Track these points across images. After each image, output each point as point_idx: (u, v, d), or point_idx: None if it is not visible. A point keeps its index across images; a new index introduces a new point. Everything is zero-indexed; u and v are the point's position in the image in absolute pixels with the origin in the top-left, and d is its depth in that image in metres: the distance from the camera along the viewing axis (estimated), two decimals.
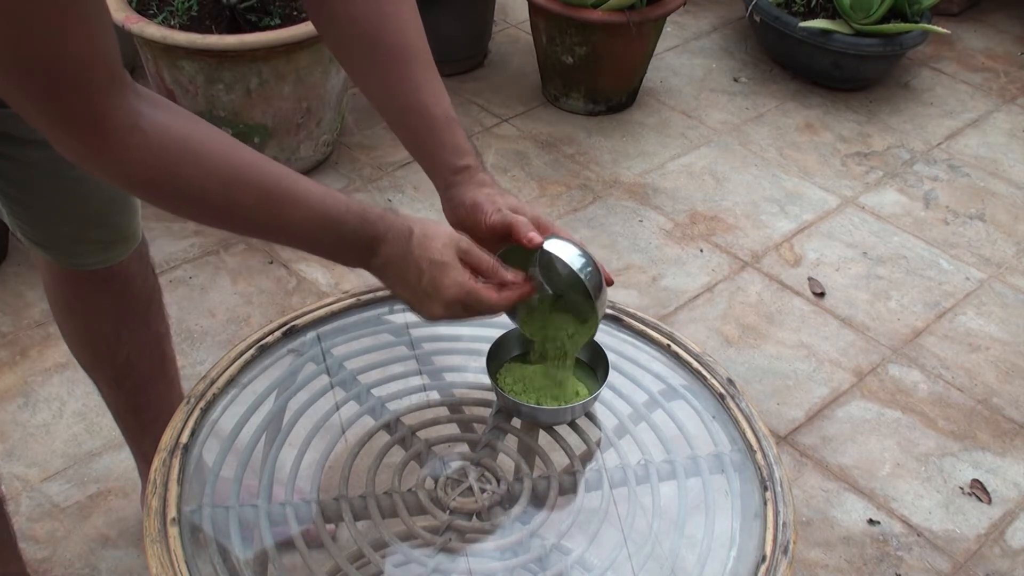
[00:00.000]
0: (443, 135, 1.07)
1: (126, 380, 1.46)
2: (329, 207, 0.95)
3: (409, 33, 1.06)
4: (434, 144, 1.08)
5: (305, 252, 1.01)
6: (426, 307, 1.00)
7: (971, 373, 2.07)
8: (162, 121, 0.85)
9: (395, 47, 1.06)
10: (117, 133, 0.82)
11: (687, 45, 3.02)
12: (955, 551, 1.75)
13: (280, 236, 0.97)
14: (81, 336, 1.43)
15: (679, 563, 1.00)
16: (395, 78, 1.06)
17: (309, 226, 0.95)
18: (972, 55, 3.09)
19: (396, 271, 0.99)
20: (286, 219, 0.94)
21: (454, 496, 1.04)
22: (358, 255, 0.98)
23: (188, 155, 0.87)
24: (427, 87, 1.07)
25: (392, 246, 0.98)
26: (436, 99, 1.07)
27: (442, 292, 0.98)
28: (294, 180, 0.94)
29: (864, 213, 2.46)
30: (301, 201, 0.94)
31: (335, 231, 0.96)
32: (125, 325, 1.41)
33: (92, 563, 1.62)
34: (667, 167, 2.54)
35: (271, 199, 0.92)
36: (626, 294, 2.16)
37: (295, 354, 1.16)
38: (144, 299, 1.42)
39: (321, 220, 0.95)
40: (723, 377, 1.17)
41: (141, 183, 0.86)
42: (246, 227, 0.96)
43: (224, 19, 2.23)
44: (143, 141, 0.84)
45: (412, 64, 1.06)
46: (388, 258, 0.98)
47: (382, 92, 1.08)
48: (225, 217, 0.93)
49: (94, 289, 1.35)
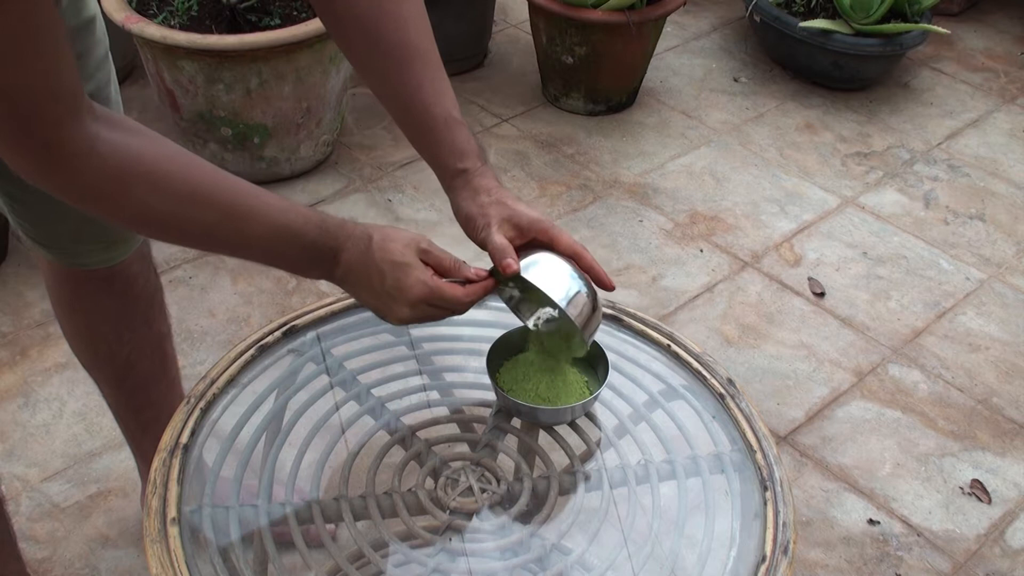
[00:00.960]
0: (441, 136, 1.07)
1: (127, 380, 1.46)
2: (290, 220, 0.95)
3: (411, 31, 1.06)
4: (432, 145, 1.08)
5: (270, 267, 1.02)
6: (392, 310, 1.00)
7: (971, 373, 2.07)
8: (119, 143, 0.85)
9: (396, 45, 1.05)
10: (72, 158, 0.83)
11: (687, 45, 3.02)
12: (955, 551, 1.75)
13: (243, 251, 0.97)
14: (83, 336, 1.43)
15: (679, 563, 1.00)
16: (396, 77, 1.06)
17: (271, 240, 0.95)
18: (972, 55, 3.09)
19: (358, 278, 0.99)
20: (247, 235, 0.94)
21: (454, 496, 1.04)
22: (321, 266, 0.99)
23: (145, 175, 0.87)
24: (428, 86, 1.06)
25: (352, 254, 0.98)
26: (436, 99, 1.06)
27: (406, 292, 0.98)
28: (254, 195, 0.94)
29: (864, 213, 2.46)
30: (261, 216, 0.94)
31: (296, 243, 0.96)
32: (127, 325, 1.41)
33: (92, 563, 1.62)
34: (667, 167, 2.54)
35: (231, 215, 0.93)
36: (626, 294, 2.16)
37: (295, 354, 1.16)
38: (146, 299, 1.42)
39: (282, 233, 0.95)
40: (723, 377, 1.17)
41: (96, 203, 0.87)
42: (208, 244, 0.96)
43: (224, 19, 2.23)
44: (99, 164, 0.84)
45: (413, 63, 1.06)
46: (350, 266, 0.98)
47: (384, 90, 1.08)
48: (186, 235, 0.94)
49: (96, 289, 1.35)
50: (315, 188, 2.37)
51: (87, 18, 1.14)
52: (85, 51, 1.15)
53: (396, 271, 0.98)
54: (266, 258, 0.98)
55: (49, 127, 0.81)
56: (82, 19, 1.13)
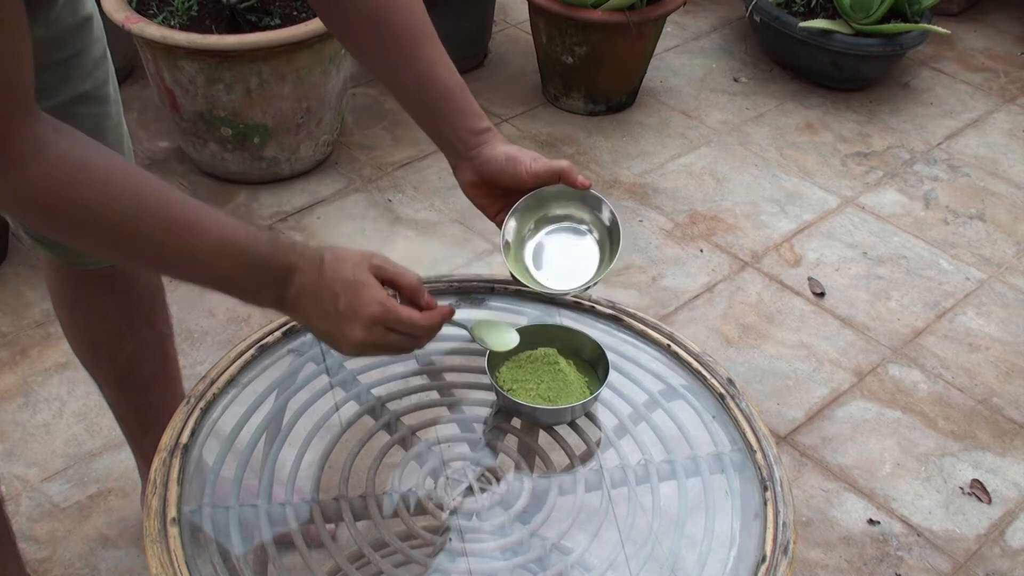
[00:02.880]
0: (461, 103, 1.10)
1: (128, 380, 1.46)
2: (239, 237, 0.92)
3: (415, 13, 1.09)
4: (453, 112, 1.10)
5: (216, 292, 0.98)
6: (345, 334, 0.96)
7: (971, 373, 2.07)
8: (66, 150, 0.84)
9: (403, 28, 1.08)
10: (17, 160, 0.81)
11: (687, 45, 3.02)
12: (955, 551, 1.75)
13: (189, 269, 0.93)
14: (84, 335, 1.43)
15: (679, 563, 1.00)
16: (406, 57, 1.08)
17: (218, 258, 0.92)
18: (972, 55, 3.09)
19: (310, 301, 0.96)
20: (194, 250, 0.91)
21: (454, 496, 1.04)
22: (270, 288, 0.95)
23: (91, 184, 0.85)
24: (440, 61, 1.10)
25: (304, 275, 0.95)
26: (448, 72, 1.10)
27: (360, 311, 0.95)
28: (204, 211, 0.91)
29: (864, 213, 2.46)
30: (210, 231, 0.91)
31: (245, 262, 0.93)
32: (128, 325, 1.41)
33: (92, 563, 1.62)
34: (667, 167, 2.54)
35: (177, 229, 0.90)
36: (626, 294, 2.16)
37: (295, 354, 1.16)
38: (147, 299, 1.42)
39: (230, 250, 0.92)
40: (723, 377, 1.17)
41: (39, 210, 0.85)
42: (152, 259, 0.93)
43: (224, 19, 2.23)
44: (44, 169, 0.82)
45: (421, 42, 1.09)
46: (301, 288, 0.95)
47: (394, 73, 1.10)
48: (129, 248, 0.91)
49: (97, 288, 1.35)
50: (315, 188, 2.37)
51: (84, 16, 1.14)
52: (83, 49, 1.15)
53: (348, 290, 0.95)
54: (214, 278, 0.94)
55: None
56: (79, 17, 1.13)
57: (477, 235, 2.27)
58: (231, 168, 2.33)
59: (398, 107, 1.16)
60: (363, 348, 0.98)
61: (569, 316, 1.24)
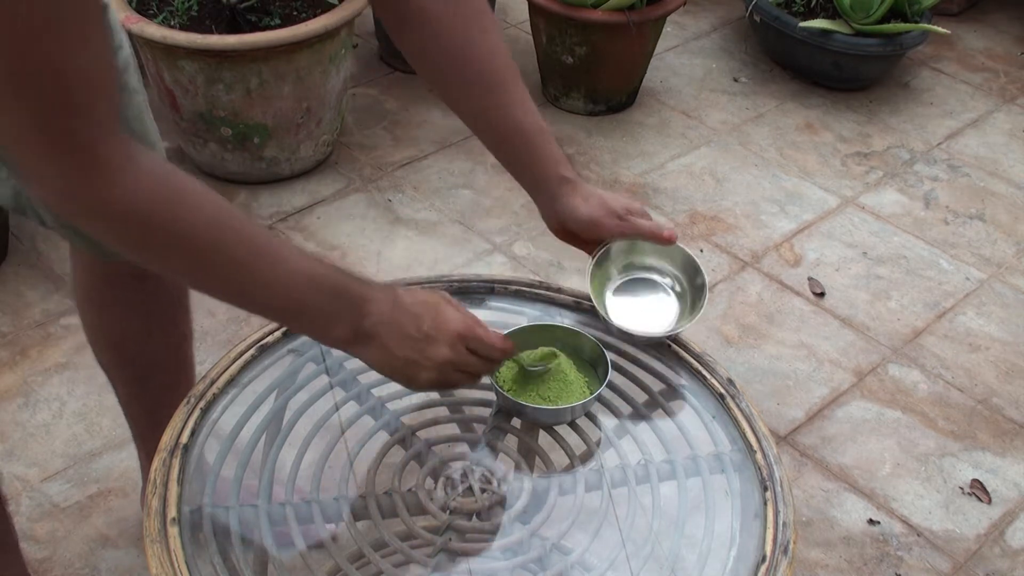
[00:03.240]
0: (540, 147, 1.11)
1: (146, 379, 1.46)
2: (317, 266, 0.93)
3: (497, 59, 1.10)
4: (533, 158, 1.11)
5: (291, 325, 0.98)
6: (429, 355, 0.97)
7: (971, 373, 2.07)
8: (156, 164, 0.83)
9: (485, 74, 1.09)
10: (112, 165, 0.80)
11: (687, 45, 3.02)
12: (955, 551, 1.75)
13: (266, 296, 0.92)
14: (110, 332, 1.42)
15: (679, 563, 1.00)
16: (488, 104, 1.10)
17: (298, 284, 0.92)
18: (972, 55, 3.09)
19: (390, 328, 0.96)
20: (274, 276, 0.91)
21: (454, 496, 1.04)
22: (346, 318, 0.95)
23: (183, 197, 0.84)
24: (518, 106, 1.10)
25: (381, 304, 0.96)
26: (526, 114, 1.11)
27: (445, 328, 0.97)
28: (280, 240, 0.93)
29: (864, 213, 2.46)
30: (290, 258, 0.92)
31: (323, 289, 0.93)
32: (155, 323, 1.41)
33: (92, 563, 1.62)
34: (667, 167, 2.54)
35: (261, 253, 0.90)
36: None
37: (295, 354, 1.16)
38: (175, 299, 1.42)
39: (309, 277, 0.92)
40: (723, 377, 1.17)
41: (129, 221, 0.83)
42: (231, 282, 0.91)
43: (224, 19, 2.23)
44: (137, 178, 0.81)
45: (502, 88, 1.10)
46: (380, 316, 0.95)
47: (477, 118, 1.12)
48: (211, 268, 0.89)
49: (128, 285, 1.35)
50: (315, 188, 2.37)
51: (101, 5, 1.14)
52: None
53: (431, 311, 0.97)
54: (291, 306, 0.93)
55: (94, 126, 0.78)
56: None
57: (477, 235, 2.27)
58: (231, 168, 2.33)
59: (398, 107, 1.17)
60: (443, 372, 0.99)
61: (569, 316, 1.24)
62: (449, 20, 1.08)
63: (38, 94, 0.75)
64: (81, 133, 0.78)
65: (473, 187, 2.41)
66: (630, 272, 1.20)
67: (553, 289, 1.26)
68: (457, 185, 2.41)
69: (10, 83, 0.74)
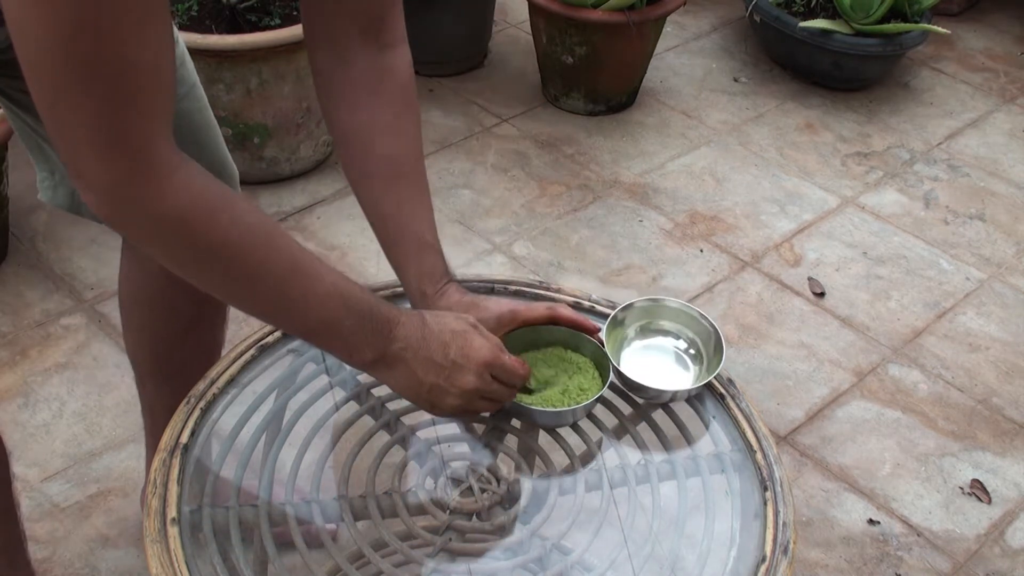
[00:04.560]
0: (410, 257, 1.07)
1: (175, 378, 1.46)
2: (350, 287, 0.93)
3: (402, 146, 1.07)
4: (402, 266, 1.08)
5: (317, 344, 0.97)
6: (456, 382, 0.97)
7: (971, 373, 2.07)
8: (201, 171, 0.83)
9: (385, 160, 1.07)
10: (163, 166, 0.79)
11: (687, 45, 3.02)
12: (955, 551, 1.75)
13: (300, 313, 0.92)
14: (149, 331, 1.43)
15: (679, 563, 1.00)
16: (380, 191, 1.08)
17: (333, 302, 0.91)
18: (972, 55, 3.09)
19: (417, 353, 0.96)
20: (311, 293, 0.90)
21: (454, 496, 1.04)
22: (375, 340, 0.95)
23: (228, 206, 0.83)
24: (406, 206, 1.08)
25: (409, 328, 0.96)
26: (411, 219, 1.07)
27: (472, 356, 0.97)
28: (317, 258, 0.91)
29: (864, 213, 2.46)
30: (326, 276, 0.91)
31: (355, 311, 0.93)
32: (194, 327, 1.42)
33: (92, 563, 1.62)
34: (667, 167, 2.54)
35: (300, 270, 0.89)
36: (626, 294, 2.16)
37: (295, 354, 1.16)
38: (219, 308, 1.44)
39: (343, 298, 0.92)
40: (723, 377, 1.17)
41: (175, 223, 0.81)
42: (267, 298, 0.90)
43: (224, 19, 2.23)
44: (186, 179, 0.80)
45: (398, 180, 1.08)
46: (407, 341, 0.95)
47: (368, 204, 1.10)
48: (249, 282, 0.88)
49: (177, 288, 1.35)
50: (315, 188, 2.37)
51: None
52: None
53: (458, 339, 0.97)
54: (322, 325, 0.93)
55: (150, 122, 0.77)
56: None
57: (477, 235, 2.27)
58: None
59: None
60: (468, 400, 0.99)
61: None
62: (369, 96, 1.06)
63: (105, 85, 0.74)
64: (138, 129, 0.77)
65: (473, 187, 2.41)
66: (646, 335, 1.19)
67: (553, 289, 1.26)
68: (457, 185, 2.41)
69: (78, 72, 0.73)
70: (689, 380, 1.16)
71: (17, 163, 2.13)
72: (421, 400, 1.01)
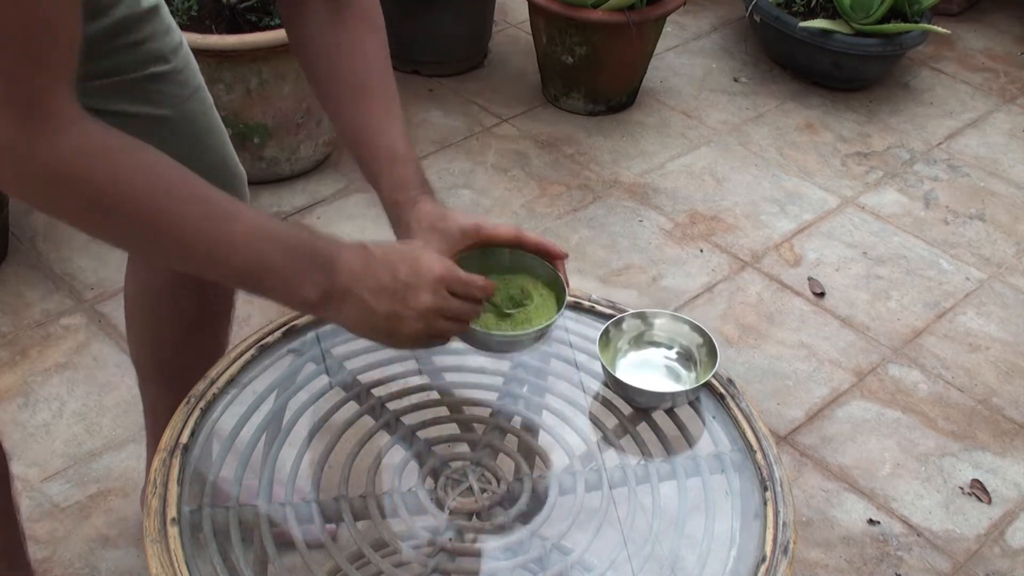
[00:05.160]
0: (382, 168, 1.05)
1: (176, 381, 1.46)
2: (275, 224, 0.89)
3: (369, 67, 1.06)
4: (375, 177, 1.05)
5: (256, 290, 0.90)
6: (411, 304, 0.92)
7: (971, 373, 2.07)
8: (103, 126, 0.81)
9: (352, 76, 1.06)
10: (59, 117, 0.77)
11: (687, 45, 3.02)
12: (955, 551, 1.75)
13: (227, 257, 0.87)
14: (153, 333, 1.43)
15: (679, 563, 1.00)
16: (349, 107, 1.06)
17: (258, 243, 0.87)
18: (972, 55, 3.09)
19: (365, 283, 0.91)
20: (232, 234, 0.86)
21: (454, 496, 1.04)
22: (316, 276, 0.90)
23: (130, 151, 0.81)
24: (376, 119, 1.05)
25: (350, 260, 0.91)
26: (381, 132, 1.05)
27: (425, 274, 0.92)
28: (236, 200, 0.87)
29: (864, 213, 2.46)
30: (247, 217, 0.87)
31: (287, 248, 0.88)
32: (198, 331, 1.42)
33: (92, 563, 1.62)
34: (667, 167, 2.54)
35: (217, 212, 0.85)
36: (626, 294, 2.16)
37: (295, 354, 1.16)
38: (223, 311, 1.44)
39: (270, 236, 0.87)
40: (723, 377, 1.17)
41: (75, 175, 0.79)
42: (185, 241, 0.85)
43: (224, 19, 2.23)
44: (84, 131, 0.78)
45: (366, 94, 1.06)
46: (351, 272, 0.91)
47: (337, 119, 1.08)
48: (162, 233, 0.84)
49: (183, 292, 1.35)
50: (315, 188, 2.37)
51: (148, 6, 1.14)
52: (151, 36, 1.15)
53: (407, 259, 0.93)
54: (253, 267, 0.88)
55: (47, 77, 0.75)
56: (143, 7, 1.13)
57: None
58: None
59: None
60: (429, 321, 0.93)
61: (569, 315, 1.24)
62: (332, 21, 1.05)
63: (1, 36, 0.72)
64: (32, 82, 0.75)
65: (473, 187, 2.41)
66: (641, 346, 1.19)
67: None
68: (457, 185, 2.41)
69: None
70: (684, 386, 1.16)
71: None
72: (379, 334, 0.95)
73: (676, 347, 1.19)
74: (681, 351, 1.18)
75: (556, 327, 1.16)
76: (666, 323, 1.19)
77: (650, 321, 1.19)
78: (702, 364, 1.16)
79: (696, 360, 1.17)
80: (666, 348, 1.19)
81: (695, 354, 1.17)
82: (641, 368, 1.17)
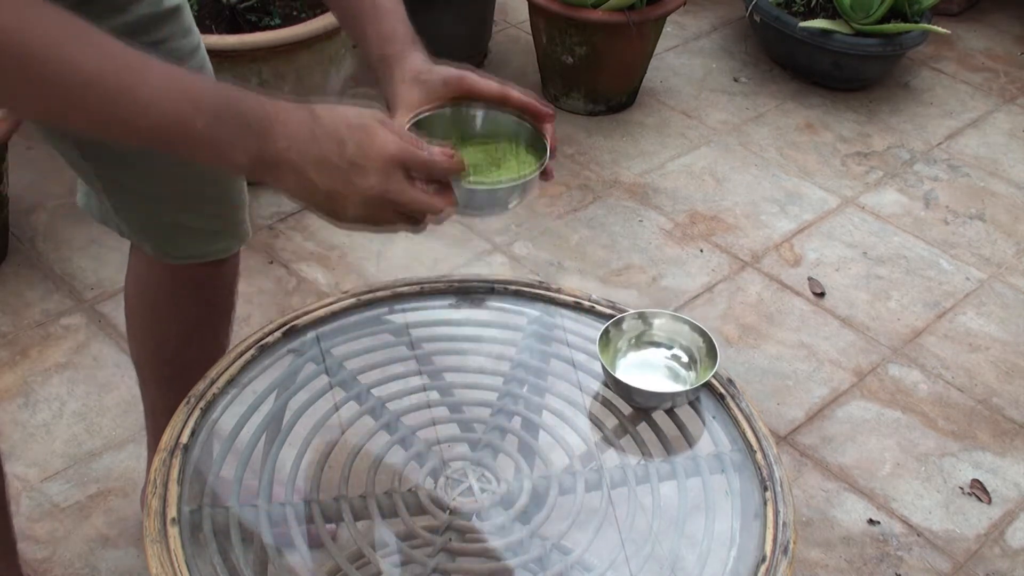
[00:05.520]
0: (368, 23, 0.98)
1: (177, 381, 1.46)
2: (195, 79, 0.77)
3: None
4: (362, 36, 0.99)
5: (177, 152, 0.78)
6: (357, 185, 0.82)
7: (971, 373, 2.07)
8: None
9: None
10: None
11: (687, 45, 3.02)
12: (955, 551, 1.75)
13: (133, 115, 0.75)
14: (154, 333, 1.43)
15: (679, 563, 1.00)
16: None
17: (172, 99, 0.75)
18: (972, 55, 3.09)
19: (305, 153, 0.81)
20: (142, 88, 0.74)
21: (454, 496, 1.04)
22: (247, 140, 0.79)
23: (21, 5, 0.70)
24: None
25: (293, 126, 0.80)
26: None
27: (375, 153, 0.81)
28: (146, 53, 0.75)
29: (864, 213, 2.46)
30: (157, 68, 0.74)
31: (207, 107, 0.76)
32: (199, 330, 1.42)
33: (92, 563, 1.62)
34: (667, 167, 2.54)
35: (123, 64, 0.73)
36: (626, 294, 2.16)
37: (295, 354, 1.16)
38: (224, 311, 1.44)
39: (186, 92, 0.76)
40: (723, 377, 1.17)
41: None
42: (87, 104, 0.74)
43: (224, 19, 2.23)
44: None
45: None
46: (292, 140, 0.80)
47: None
48: (54, 86, 0.72)
49: (184, 290, 1.36)
50: None
51: (171, 6, 1.14)
52: (169, 36, 1.15)
53: (357, 133, 0.82)
54: (168, 127, 0.76)
55: None
56: (165, 6, 1.13)
57: (477, 235, 2.27)
58: None
59: None
60: (373, 209, 0.84)
61: (569, 316, 1.24)
62: None
63: None
64: None
65: None
66: (641, 346, 1.19)
67: (553, 289, 1.26)
68: None
69: None
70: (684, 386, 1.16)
71: (17, 163, 2.13)
72: (320, 210, 0.87)
73: (676, 347, 1.19)
74: (681, 351, 1.19)
75: (556, 327, 1.16)
76: (666, 323, 1.19)
77: (650, 321, 1.19)
78: (702, 364, 1.16)
79: (696, 360, 1.17)
80: (666, 348, 1.19)
81: (695, 354, 1.18)
82: (641, 368, 1.17)
